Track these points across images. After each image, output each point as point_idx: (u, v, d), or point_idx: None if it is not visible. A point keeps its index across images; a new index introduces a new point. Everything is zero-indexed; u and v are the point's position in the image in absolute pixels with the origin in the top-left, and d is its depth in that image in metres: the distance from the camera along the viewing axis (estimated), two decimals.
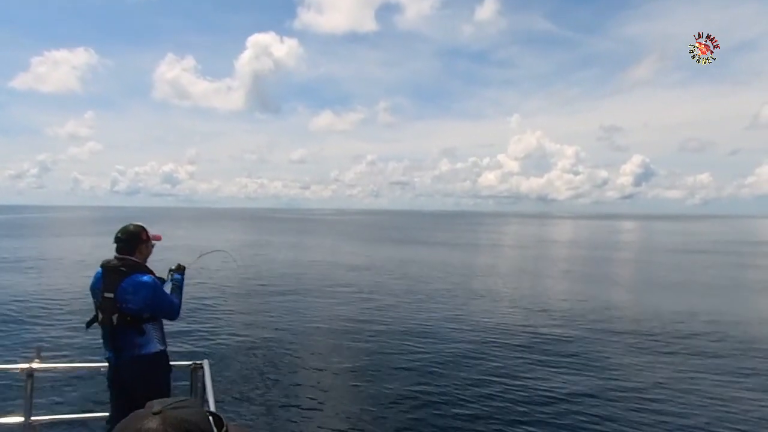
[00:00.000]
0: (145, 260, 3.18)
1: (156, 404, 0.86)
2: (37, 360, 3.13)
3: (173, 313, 3.16)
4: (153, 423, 0.81)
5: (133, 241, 3.11)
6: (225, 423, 0.90)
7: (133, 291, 2.96)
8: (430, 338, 9.49)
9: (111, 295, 2.97)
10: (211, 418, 0.89)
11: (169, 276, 3.32)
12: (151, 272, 3.10)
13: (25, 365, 3.10)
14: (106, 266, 3.07)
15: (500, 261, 25.60)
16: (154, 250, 3.30)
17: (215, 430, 0.88)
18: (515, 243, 42.23)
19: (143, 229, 3.18)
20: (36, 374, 3.11)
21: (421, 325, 10.63)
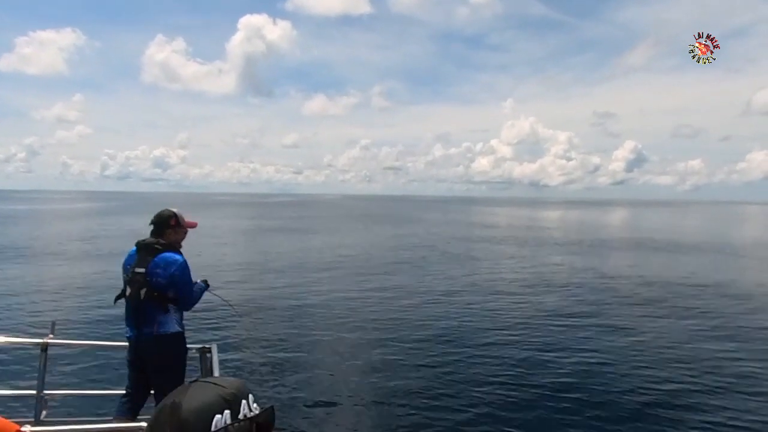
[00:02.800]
0: (176, 244, 3.34)
1: None
2: (51, 335, 3.23)
3: (190, 299, 3.33)
4: None
5: (161, 225, 3.29)
6: None
7: (164, 266, 3.13)
8: (434, 324, 9.62)
9: (142, 270, 3.13)
10: None
11: (195, 282, 3.46)
12: (182, 255, 3.29)
13: (40, 339, 3.19)
14: (140, 244, 3.23)
15: (501, 247, 26.08)
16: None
17: None
18: (514, 230, 42.76)
19: (174, 215, 3.36)
20: (50, 349, 3.20)
21: (425, 309, 10.88)
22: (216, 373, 3.04)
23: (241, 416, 0.80)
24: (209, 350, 3.36)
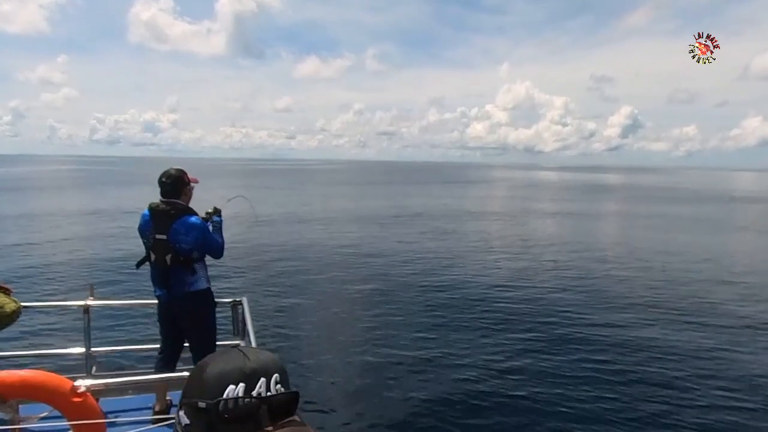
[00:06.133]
0: (188, 202, 3.35)
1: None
2: (91, 297, 3.45)
3: (220, 252, 3.40)
4: None
5: (178, 185, 3.27)
6: None
7: (185, 232, 3.15)
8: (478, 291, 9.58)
9: (164, 237, 3.16)
10: None
11: (209, 218, 3.47)
12: (197, 214, 3.30)
13: (82, 302, 3.42)
14: (154, 209, 3.21)
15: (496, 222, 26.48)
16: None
17: None
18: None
19: (184, 172, 3.34)
20: (91, 310, 3.44)
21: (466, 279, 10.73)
22: (249, 327, 3.22)
23: (255, 393, 0.76)
24: (240, 303, 3.51)
